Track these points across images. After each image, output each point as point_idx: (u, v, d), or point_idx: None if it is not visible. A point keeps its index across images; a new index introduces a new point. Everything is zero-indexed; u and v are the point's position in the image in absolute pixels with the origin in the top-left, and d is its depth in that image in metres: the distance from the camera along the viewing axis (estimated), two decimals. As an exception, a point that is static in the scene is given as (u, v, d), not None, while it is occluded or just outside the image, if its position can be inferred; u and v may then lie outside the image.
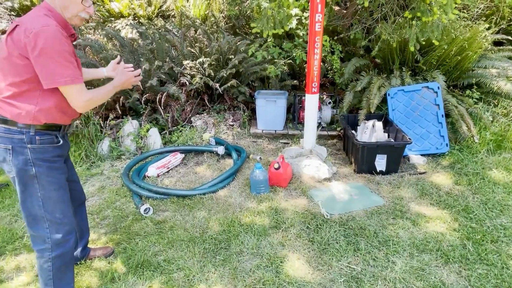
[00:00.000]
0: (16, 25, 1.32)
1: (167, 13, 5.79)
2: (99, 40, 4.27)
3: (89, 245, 2.03)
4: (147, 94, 3.66)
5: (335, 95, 3.92)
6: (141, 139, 3.50)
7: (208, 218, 2.34)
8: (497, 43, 4.11)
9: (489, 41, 3.60)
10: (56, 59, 1.31)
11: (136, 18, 5.38)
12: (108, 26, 4.96)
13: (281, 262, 1.92)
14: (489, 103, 3.44)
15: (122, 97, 3.59)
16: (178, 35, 4.50)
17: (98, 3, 5.54)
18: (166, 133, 3.69)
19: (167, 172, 3.08)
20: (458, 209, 2.38)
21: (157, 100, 3.65)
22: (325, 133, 3.72)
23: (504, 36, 3.90)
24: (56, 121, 1.46)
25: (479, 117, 3.23)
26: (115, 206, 2.54)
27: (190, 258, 1.96)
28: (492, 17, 4.07)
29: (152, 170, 2.97)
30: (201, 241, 2.10)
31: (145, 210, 2.40)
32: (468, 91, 3.47)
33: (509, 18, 4.40)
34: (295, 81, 4.30)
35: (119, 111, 3.65)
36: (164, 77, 3.84)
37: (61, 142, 1.50)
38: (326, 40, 3.75)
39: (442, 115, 3.19)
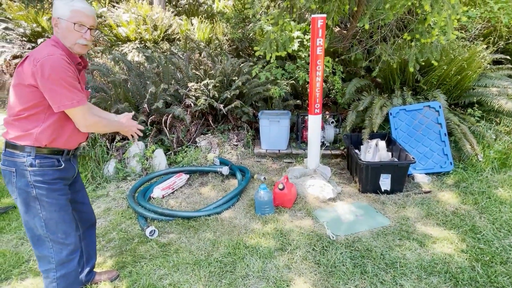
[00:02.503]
0: (27, 57, 1.43)
1: (173, 37, 5.99)
2: (107, 64, 4.41)
3: (95, 269, 2.03)
4: (153, 116, 3.74)
5: (338, 114, 3.97)
6: (147, 160, 3.54)
7: (213, 240, 2.34)
8: (496, 61, 4.18)
9: (488, 61, 3.66)
10: (62, 84, 1.40)
11: (143, 42, 5.55)
12: (116, 50, 5.12)
13: (287, 286, 1.90)
14: (491, 121, 3.47)
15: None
16: (183, 58, 4.64)
17: (106, 27, 5.75)
18: (171, 153, 3.74)
19: (172, 193, 3.10)
20: (465, 229, 2.36)
21: (163, 121, 3.71)
22: (328, 152, 3.75)
23: (503, 56, 3.97)
24: (59, 146, 1.53)
25: (482, 136, 3.25)
26: (120, 228, 2.55)
27: (196, 282, 1.95)
28: (490, 37, 4.16)
29: (157, 191, 2.99)
30: (206, 264, 2.10)
31: (150, 232, 2.40)
32: (469, 110, 3.50)
33: (506, 37, 4.50)
34: (298, 101, 4.38)
35: (125, 132, 3.72)
36: (169, 99, 3.93)
37: (63, 165, 1.56)
38: (328, 61, 3.84)
39: (445, 134, 3.21)
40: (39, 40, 5.89)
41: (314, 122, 2.98)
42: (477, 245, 2.19)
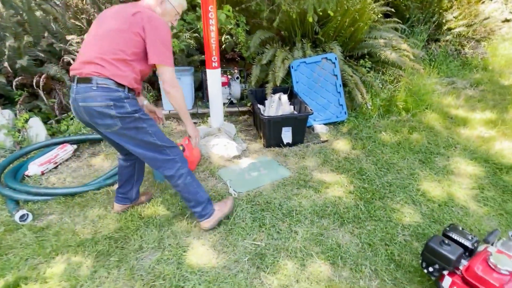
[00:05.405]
0: (138, 11, 1.59)
1: (44, -23, 4.82)
2: None
3: None
4: (20, 77, 3.04)
5: (244, 69, 3.83)
6: (19, 132, 2.92)
7: (103, 216, 2.09)
8: (385, 15, 4.48)
9: (377, 13, 3.87)
10: (167, 43, 1.64)
11: (0, -18, 4.35)
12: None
13: (184, 251, 1.82)
14: (379, 71, 3.77)
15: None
16: (59, 4, 3.79)
17: None
18: (52, 122, 3.16)
19: (55, 168, 2.65)
20: (353, 172, 2.58)
21: (35, 83, 3.05)
22: (236, 109, 3.65)
23: (389, 8, 4.25)
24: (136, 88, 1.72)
25: (371, 85, 3.52)
26: (-19, 218, 2.08)
27: (79, 267, 1.72)
28: (380, -10, 4.37)
29: (33, 168, 2.52)
30: (93, 244, 1.86)
31: (21, 217, 2.01)
32: (361, 61, 3.73)
33: (395, -8, 4.82)
34: (203, 56, 4.06)
35: (-16, 99, 2.97)
36: (42, 55, 3.22)
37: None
38: (228, 11, 3.57)
39: (340, 85, 3.37)
40: None
41: (213, 76, 2.79)
42: (362, 185, 2.43)
